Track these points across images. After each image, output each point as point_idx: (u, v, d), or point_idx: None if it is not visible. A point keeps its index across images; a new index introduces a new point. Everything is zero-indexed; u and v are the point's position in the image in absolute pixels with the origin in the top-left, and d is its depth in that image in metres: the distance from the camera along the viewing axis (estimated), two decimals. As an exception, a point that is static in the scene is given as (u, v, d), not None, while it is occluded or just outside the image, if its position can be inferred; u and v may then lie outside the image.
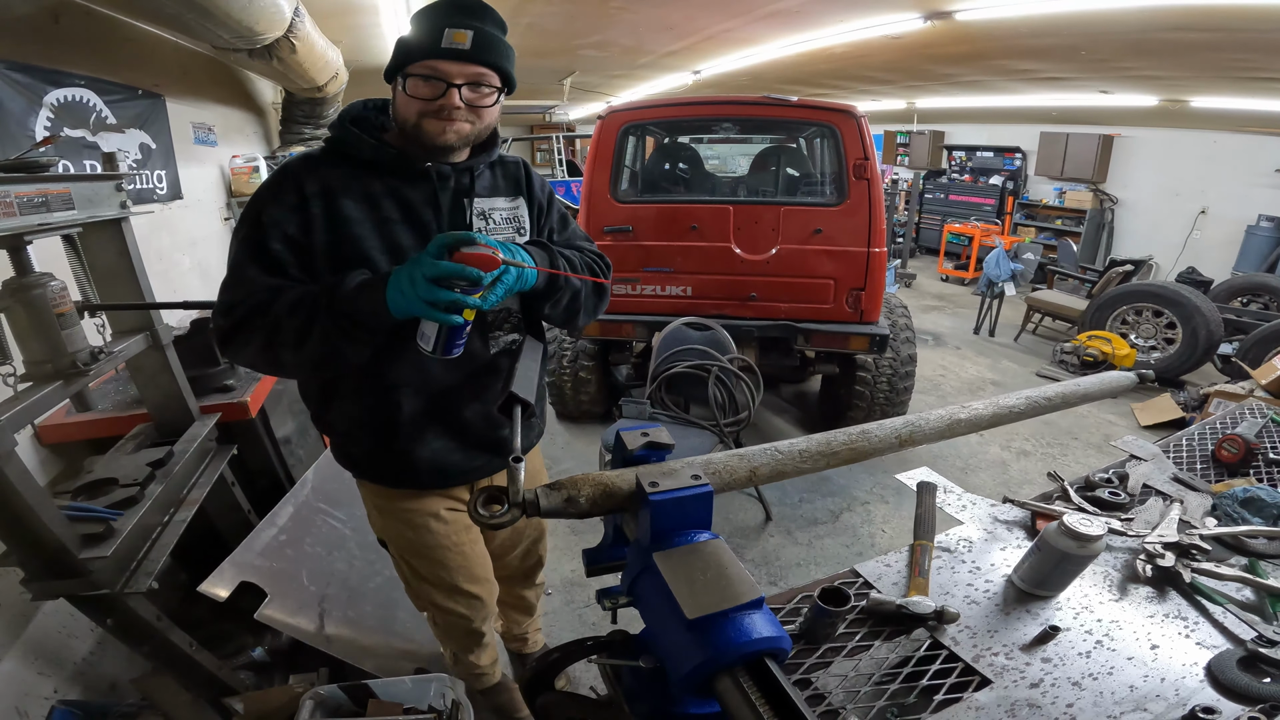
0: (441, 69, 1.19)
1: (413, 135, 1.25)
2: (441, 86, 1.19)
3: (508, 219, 1.46)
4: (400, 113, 1.26)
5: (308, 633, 1.95)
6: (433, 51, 1.17)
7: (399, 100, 1.25)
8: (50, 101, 2.60)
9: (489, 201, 1.43)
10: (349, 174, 1.28)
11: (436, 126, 1.23)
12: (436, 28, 1.17)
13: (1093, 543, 1.08)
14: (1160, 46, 4.32)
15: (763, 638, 0.61)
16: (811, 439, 0.84)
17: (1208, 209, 7.86)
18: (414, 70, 1.19)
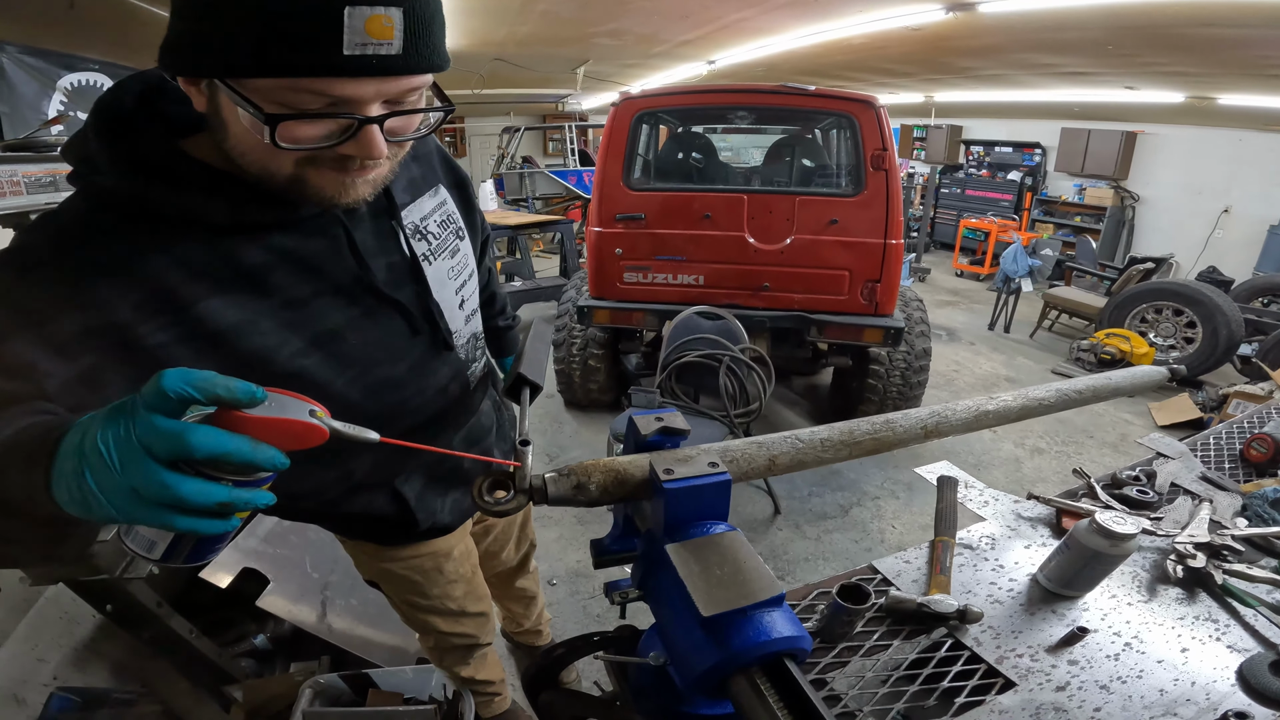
0: (347, 94, 0.65)
1: (284, 189, 0.73)
2: (347, 124, 0.67)
3: (442, 224, 1.06)
4: (251, 159, 0.71)
5: (309, 621, 1.94)
6: (328, 62, 0.62)
7: (240, 139, 0.70)
8: (64, 85, 2.59)
9: (416, 208, 1.02)
10: (186, 244, 0.75)
11: (335, 184, 0.74)
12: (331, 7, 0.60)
13: (1126, 542, 1.03)
14: (1189, 42, 4.23)
15: (783, 637, 0.57)
16: (834, 427, 0.80)
17: (1231, 208, 7.73)
18: (278, 94, 0.64)
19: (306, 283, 0.85)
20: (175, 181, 0.73)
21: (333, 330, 0.88)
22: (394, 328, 0.98)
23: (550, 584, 2.83)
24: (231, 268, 0.78)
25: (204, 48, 0.64)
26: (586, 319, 3.87)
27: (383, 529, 1.22)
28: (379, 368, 0.96)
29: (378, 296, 0.93)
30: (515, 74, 7.69)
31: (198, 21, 0.64)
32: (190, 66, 0.67)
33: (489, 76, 7.95)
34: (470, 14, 5.03)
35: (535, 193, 9.08)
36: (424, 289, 1.00)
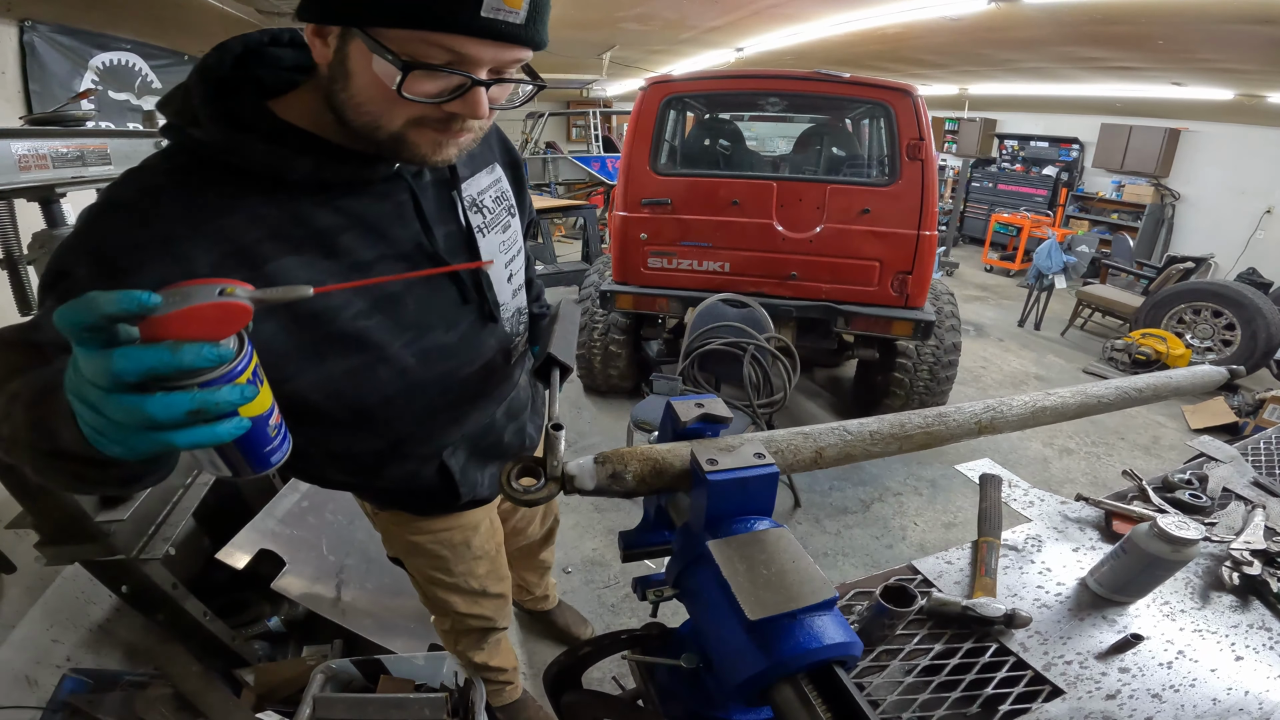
0: (469, 54, 0.70)
1: (376, 141, 0.77)
2: (461, 82, 0.72)
3: (497, 200, 1.09)
4: (362, 106, 0.74)
5: (324, 604, 1.92)
6: (460, 22, 0.66)
7: (369, 88, 0.72)
8: (95, 65, 2.60)
9: (474, 183, 1.04)
10: (262, 203, 0.78)
11: (432, 142, 0.78)
12: None
13: (1188, 547, 0.98)
14: (1243, 39, 4.08)
15: (835, 643, 0.53)
16: (884, 420, 0.75)
17: (1273, 209, 7.49)
18: (411, 46, 0.68)
19: (372, 246, 0.87)
20: (265, 136, 0.77)
21: (393, 294, 0.91)
22: (448, 295, 1.00)
23: (565, 572, 2.81)
24: (305, 228, 0.81)
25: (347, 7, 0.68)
26: (609, 304, 3.82)
27: (422, 500, 1.23)
28: (433, 333, 0.98)
29: (435, 263, 0.94)
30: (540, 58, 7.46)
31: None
32: (333, 14, 0.70)
33: (515, 61, 7.90)
34: (497, -4, 4.99)
35: (558, 178, 9.03)
36: (476, 259, 1.02)
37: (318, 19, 0.71)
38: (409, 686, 1.77)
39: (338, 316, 0.85)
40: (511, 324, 1.14)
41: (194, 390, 0.48)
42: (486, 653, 1.69)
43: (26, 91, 2.26)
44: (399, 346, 0.93)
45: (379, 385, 0.94)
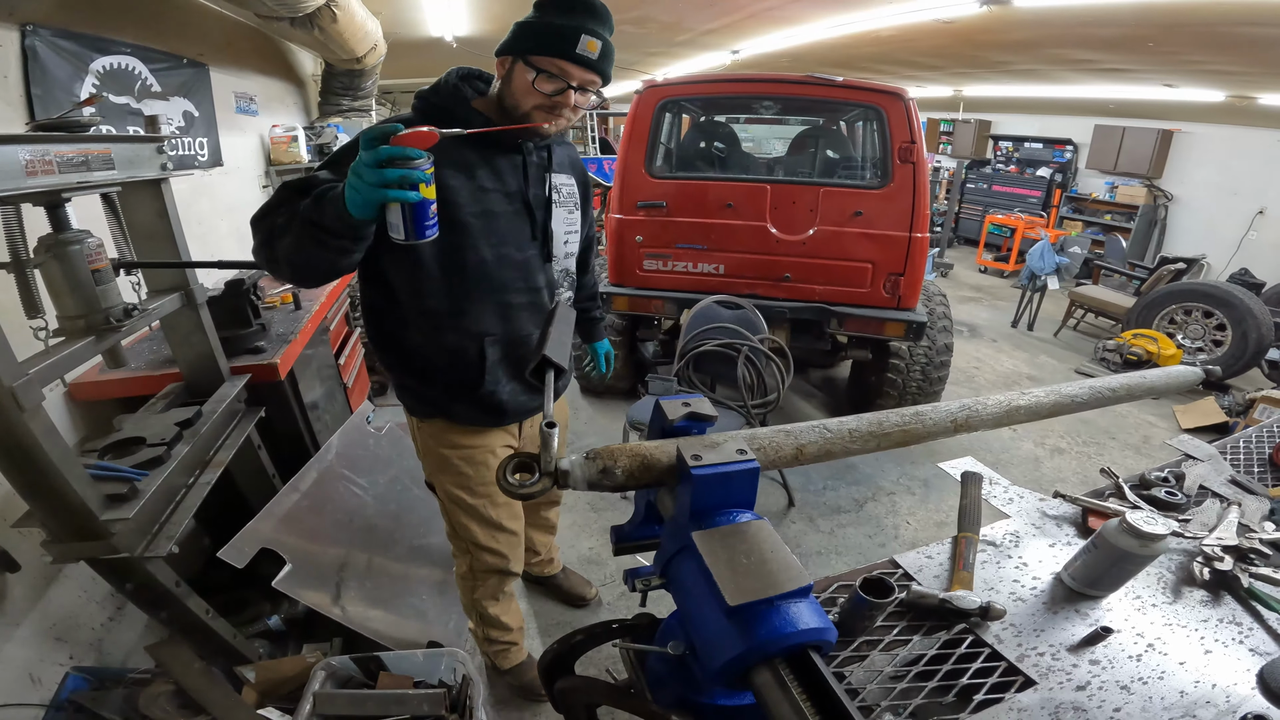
0: (569, 71, 1.30)
1: (517, 118, 1.37)
2: (562, 85, 1.31)
3: (569, 195, 1.64)
4: (514, 95, 1.36)
5: (324, 603, 1.95)
6: (566, 54, 1.28)
7: (518, 85, 1.34)
8: (96, 69, 2.60)
9: (560, 177, 1.59)
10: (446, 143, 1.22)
11: (545, 119, 1.36)
12: (573, 31, 1.28)
13: (1156, 542, 1.02)
14: (1234, 40, 4.12)
15: (809, 629, 0.57)
16: (862, 418, 0.78)
17: (1266, 210, 7.54)
18: (541, 63, 1.30)
19: (491, 180, 1.44)
20: (472, 115, 1.42)
21: (493, 211, 1.45)
22: (524, 228, 1.53)
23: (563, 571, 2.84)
24: (461, 158, 1.39)
25: (518, 43, 1.33)
26: (605, 305, 3.85)
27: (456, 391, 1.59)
28: (507, 245, 1.49)
29: (524, 204, 1.51)
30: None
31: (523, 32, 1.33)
32: (509, 51, 1.35)
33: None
34: None
35: (556, 180, 9.05)
36: (547, 215, 1.57)
37: (504, 53, 1.36)
38: (408, 683, 1.80)
39: (460, 208, 1.39)
40: (560, 275, 1.65)
41: (406, 169, 1.03)
42: (500, 605, 1.98)
43: (29, 95, 2.28)
44: (484, 243, 1.44)
45: (464, 262, 1.43)
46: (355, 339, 3.81)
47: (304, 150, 4.50)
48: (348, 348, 3.55)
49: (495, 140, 1.40)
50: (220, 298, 2.19)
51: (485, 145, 1.40)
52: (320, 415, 2.78)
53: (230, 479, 2.12)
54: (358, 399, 3.46)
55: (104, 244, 1.62)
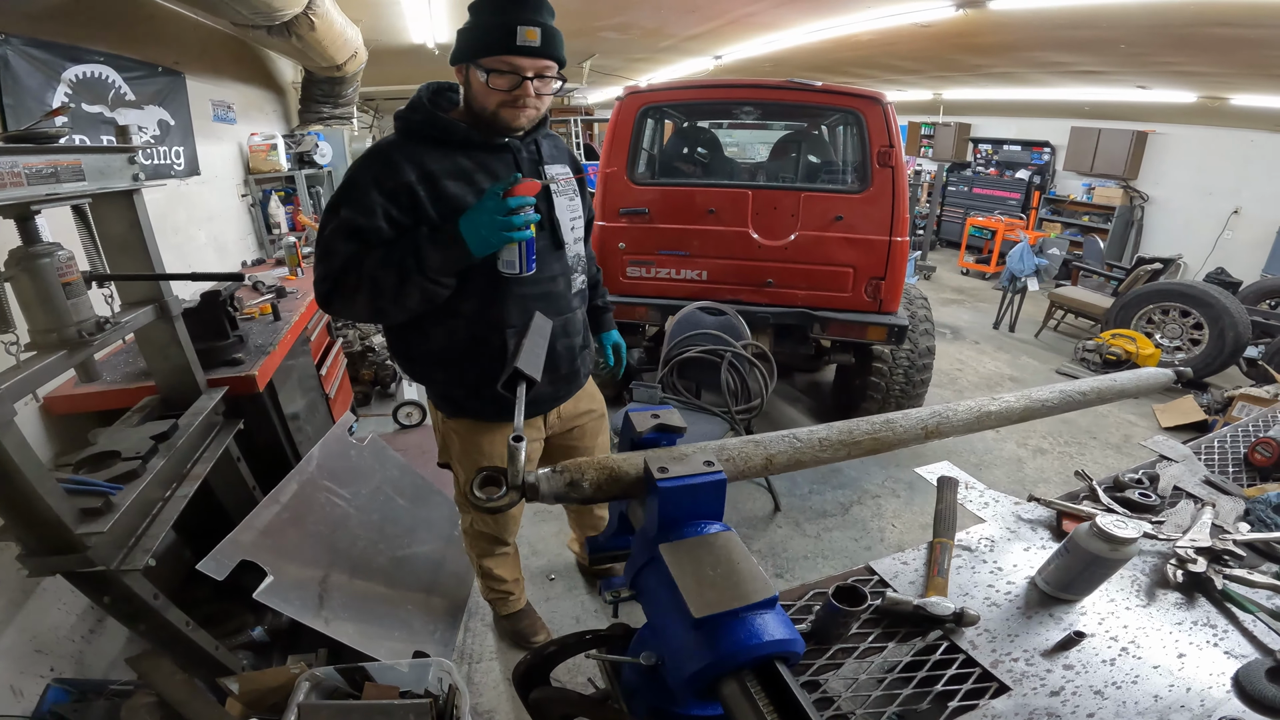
0: (516, 64, 1.37)
1: (489, 120, 1.46)
2: (516, 79, 1.38)
3: (567, 182, 1.71)
4: (478, 100, 1.45)
5: (307, 614, 1.93)
6: (508, 48, 1.35)
7: (476, 89, 1.43)
8: (69, 78, 2.58)
9: (554, 168, 1.67)
10: (439, 155, 1.47)
11: (511, 114, 1.44)
12: (508, 25, 1.34)
13: (1126, 546, 1.02)
14: (1204, 42, 4.19)
15: (774, 640, 0.57)
16: (832, 427, 0.79)
17: (1240, 209, 7.66)
18: (489, 64, 1.37)
19: (489, 181, 1.49)
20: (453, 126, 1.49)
21: None
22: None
23: (549, 579, 2.83)
24: (457, 168, 1.48)
25: (464, 50, 1.41)
26: None
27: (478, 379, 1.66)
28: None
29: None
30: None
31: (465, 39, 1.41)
32: (459, 58, 1.45)
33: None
34: (475, 6, 5.01)
35: (540, 186, 9.04)
36: (550, 206, 1.63)
37: (455, 62, 1.46)
38: (394, 693, 1.79)
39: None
40: (573, 260, 1.72)
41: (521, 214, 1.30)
42: (495, 560, 2.15)
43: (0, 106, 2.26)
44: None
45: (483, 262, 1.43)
46: (337, 350, 3.78)
47: (283, 159, 4.48)
48: (329, 358, 3.52)
49: (484, 144, 1.51)
50: (196, 309, 2.17)
51: (476, 150, 1.50)
52: (302, 426, 2.76)
53: (210, 491, 2.10)
54: (340, 410, 3.44)
55: (75, 257, 1.60)
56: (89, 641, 1.97)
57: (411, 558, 2.44)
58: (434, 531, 2.66)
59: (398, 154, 1.45)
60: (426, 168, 1.44)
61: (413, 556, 2.45)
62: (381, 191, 1.42)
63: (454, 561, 2.61)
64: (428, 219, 1.44)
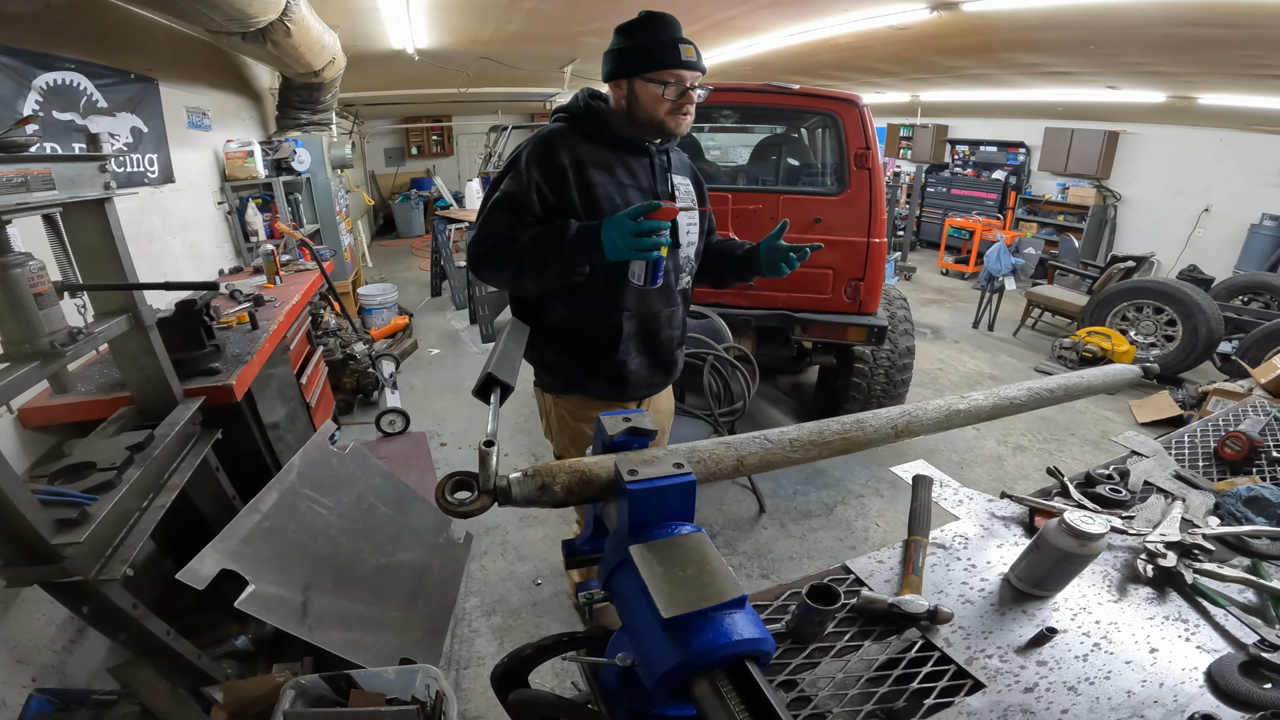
0: (683, 76, 1.60)
1: (654, 126, 1.66)
2: (682, 89, 1.61)
3: (687, 193, 1.90)
4: (646, 109, 1.64)
5: (290, 622, 1.92)
6: (676, 63, 1.58)
7: (646, 99, 1.63)
8: (39, 85, 2.55)
9: (678, 178, 1.86)
10: (590, 148, 1.69)
11: (675, 121, 1.66)
12: (673, 43, 1.58)
13: (1094, 541, 1.03)
14: (1170, 42, 4.26)
15: (744, 639, 0.57)
16: (803, 427, 0.80)
17: (1211, 207, 7.81)
18: (659, 77, 1.59)
19: (628, 177, 1.73)
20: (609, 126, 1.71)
21: (630, 202, 1.67)
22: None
23: (535, 584, 2.83)
24: (603, 160, 1.69)
25: (628, 66, 1.62)
26: None
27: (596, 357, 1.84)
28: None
29: (655, 197, 1.75)
30: (502, 72, 7.64)
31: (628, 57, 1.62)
32: (624, 73, 1.63)
33: (475, 75, 7.89)
34: (456, 12, 5.00)
35: (522, 191, 9.01)
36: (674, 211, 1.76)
37: (616, 78, 1.66)
38: (380, 700, 1.78)
39: (606, 202, 1.66)
40: (683, 261, 1.86)
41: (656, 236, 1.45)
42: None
43: (-29, 114, 2.23)
44: None
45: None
46: (318, 358, 3.75)
47: (260, 165, 4.44)
48: (310, 367, 3.50)
49: (630, 144, 1.72)
50: (171, 319, 2.15)
51: (620, 149, 1.72)
52: (282, 435, 2.74)
53: (190, 502, 2.08)
54: (322, 418, 3.42)
55: (46, 266, 1.59)
56: (71, 651, 1.95)
57: (396, 565, 2.42)
58: (418, 539, 2.65)
59: (558, 140, 1.67)
60: (579, 155, 1.66)
61: (397, 564, 2.43)
62: (539, 169, 1.63)
63: (440, 568, 2.60)
64: (570, 201, 1.65)
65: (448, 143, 14.46)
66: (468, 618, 2.61)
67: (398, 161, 14.11)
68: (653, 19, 1.62)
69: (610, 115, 1.73)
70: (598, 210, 1.66)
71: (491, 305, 6.03)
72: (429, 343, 6.17)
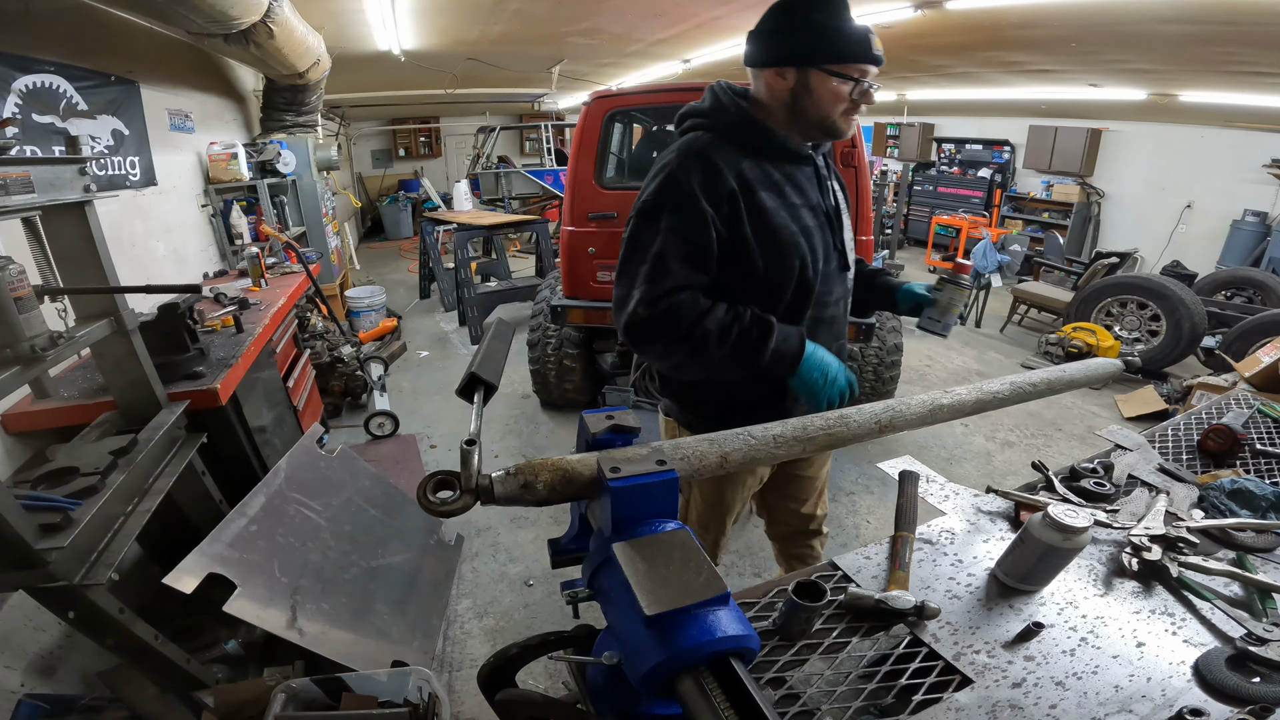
0: (868, 72, 1.32)
1: (822, 126, 1.38)
2: (864, 88, 1.33)
3: (843, 200, 1.63)
4: (820, 106, 1.34)
5: (279, 625, 1.90)
6: (867, 57, 1.29)
7: (822, 94, 1.32)
8: (18, 88, 2.53)
9: (834, 184, 1.59)
10: (751, 161, 1.38)
11: (847, 122, 1.38)
12: (864, 34, 1.29)
13: (1078, 535, 1.04)
14: (1150, 39, 4.30)
15: (727, 636, 0.57)
16: (787, 423, 0.80)
17: (1193, 203, 7.87)
18: (843, 70, 1.29)
19: (797, 195, 1.42)
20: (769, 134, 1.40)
21: (807, 227, 1.42)
22: (828, 239, 1.49)
23: (528, 585, 2.82)
24: (769, 178, 1.39)
25: (804, 53, 1.31)
26: (560, 319, 3.84)
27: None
28: (819, 260, 1.46)
29: (826, 216, 1.48)
30: (489, 73, 7.63)
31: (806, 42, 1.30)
32: (797, 60, 1.32)
33: (462, 76, 7.87)
34: (442, 13, 4.99)
35: (511, 192, 9.02)
36: (840, 226, 1.54)
37: (784, 64, 1.33)
38: (372, 703, 1.77)
39: (781, 231, 1.38)
40: (851, 284, 1.64)
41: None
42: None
43: (-53, 118, 2.20)
44: (805, 260, 1.42)
45: (786, 275, 1.41)
46: (305, 361, 3.73)
47: (244, 168, 4.41)
48: (297, 370, 3.47)
49: (793, 154, 1.43)
50: (153, 323, 2.13)
51: (783, 161, 1.42)
52: (269, 439, 2.72)
53: (176, 506, 2.07)
54: (309, 422, 3.40)
55: (26, 270, 1.57)
56: (60, 656, 1.93)
57: (386, 568, 2.41)
58: (409, 541, 2.63)
59: (718, 157, 1.34)
60: (745, 176, 1.35)
61: (388, 567, 2.42)
62: (709, 199, 1.32)
63: (431, 570, 2.59)
64: (742, 234, 1.35)
65: (435, 144, 14.41)
66: (460, 620, 2.60)
67: (385, 163, 14.05)
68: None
69: (769, 116, 1.40)
70: (776, 245, 1.37)
71: (481, 307, 6.01)
72: (418, 345, 6.15)
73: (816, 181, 1.47)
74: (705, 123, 1.43)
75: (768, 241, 1.36)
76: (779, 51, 1.33)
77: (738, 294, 1.39)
